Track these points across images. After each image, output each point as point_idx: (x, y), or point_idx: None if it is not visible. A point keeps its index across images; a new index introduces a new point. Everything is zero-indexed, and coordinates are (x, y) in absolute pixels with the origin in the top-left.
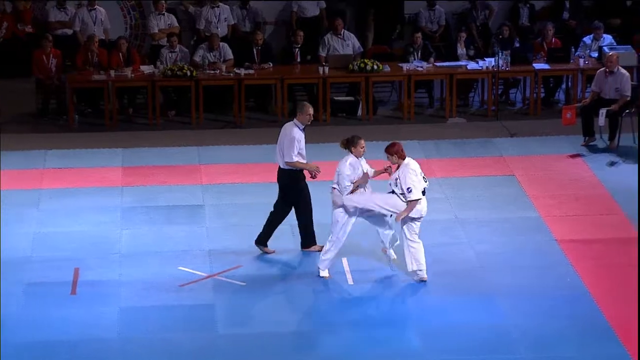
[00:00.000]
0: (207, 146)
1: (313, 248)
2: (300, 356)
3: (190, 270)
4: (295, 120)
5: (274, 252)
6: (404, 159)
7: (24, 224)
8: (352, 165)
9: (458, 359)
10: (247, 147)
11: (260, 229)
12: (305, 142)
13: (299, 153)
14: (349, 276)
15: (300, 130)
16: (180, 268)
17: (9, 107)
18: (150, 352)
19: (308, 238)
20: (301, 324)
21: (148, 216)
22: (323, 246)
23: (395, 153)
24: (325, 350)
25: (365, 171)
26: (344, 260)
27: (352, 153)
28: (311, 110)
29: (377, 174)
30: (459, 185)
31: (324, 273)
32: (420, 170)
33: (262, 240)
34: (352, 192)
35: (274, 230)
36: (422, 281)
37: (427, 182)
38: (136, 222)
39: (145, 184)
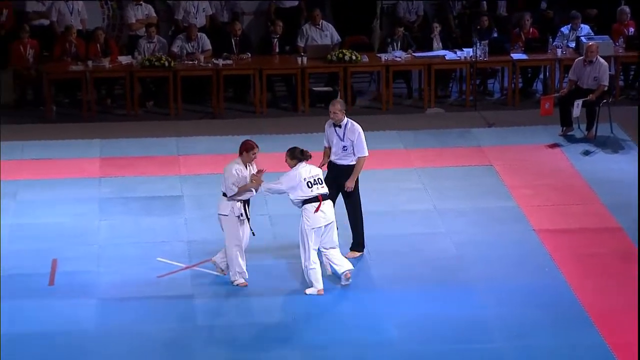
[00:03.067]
0: (186, 137)
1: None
2: (279, 346)
3: (169, 262)
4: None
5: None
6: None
7: (1, 215)
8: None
9: (435, 349)
10: (225, 137)
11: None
12: (287, 133)
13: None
14: (327, 267)
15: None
16: (159, 259)
17: None
18: (129, 343)
19: None
20: (280, 315)
21: (126, 207)
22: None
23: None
24: (304, 341)
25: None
26: (324, 251)
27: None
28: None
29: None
30: (437, 175)
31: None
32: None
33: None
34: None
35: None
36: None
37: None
38: (114, 213)
39: (123, 174)
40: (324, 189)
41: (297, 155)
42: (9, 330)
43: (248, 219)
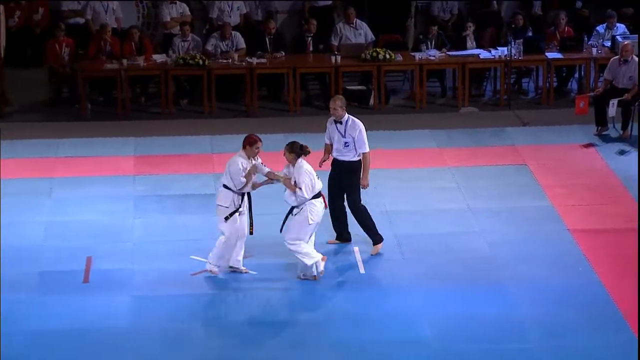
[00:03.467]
0: (220, 135)
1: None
2: (311, 344)
3: (203, 259)
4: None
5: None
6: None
7: (36, 212)
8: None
9: (468, 348)
10: (259, 136)
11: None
12: (320, 132)
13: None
14: (360, 265)
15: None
16: (192, 257)
17: (22, 96)
18: (162, 340)
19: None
20: (312, 313)
21: (160, 205)
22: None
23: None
24: (337, 339)
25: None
26: (356, 250)
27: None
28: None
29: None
30: (471, 175)
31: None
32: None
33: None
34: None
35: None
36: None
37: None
38: (148, 211)
39: (157, 172)
40: (320, 183)
41: (296, 150)
42: (45, 327)
43: (250, 213)
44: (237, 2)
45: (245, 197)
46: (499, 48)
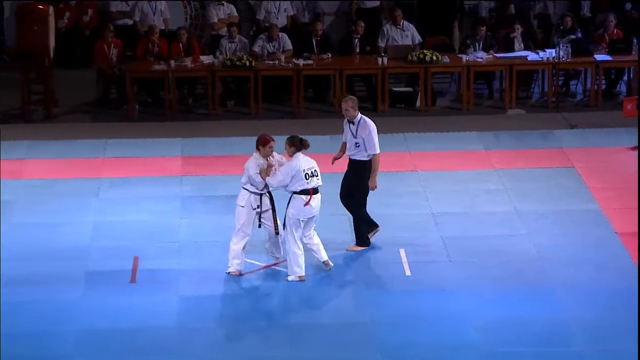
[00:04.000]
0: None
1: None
2: (357, 346)
3: (249, 260)
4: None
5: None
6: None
7: (84, 212)
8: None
9: (515, 351)
10: (305, 137)
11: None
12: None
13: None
14: (406, 267)
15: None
16: None
17: (71, 97)
18: (209, 341)
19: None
20: (358, 315)
21: (207, 205)
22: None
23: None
24: (383, 341)
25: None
26: (402, 251)
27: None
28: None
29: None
30: (518, 177)
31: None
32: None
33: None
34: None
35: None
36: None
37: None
38: (195, 212)
39: (204, 173)
40: (319, 181)
41: (296, 144)
42: (93, 326)
43: (274, 214)
44: (284, 3)
45: (266, 198)
46: (547, 50)
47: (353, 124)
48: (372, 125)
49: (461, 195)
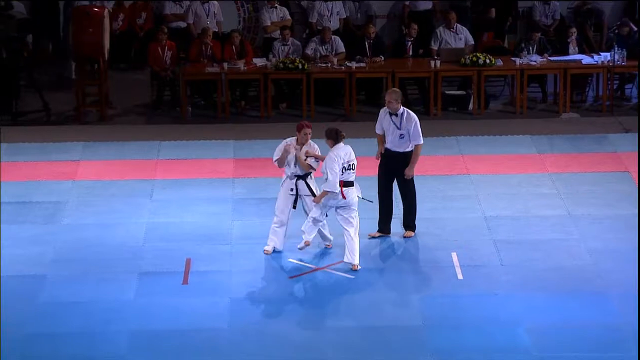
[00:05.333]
0: (319, 139)
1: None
2: (408, 350)
3: (300, 262)
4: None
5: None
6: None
7: (137, 213)
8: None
9: (568, 356)
10: (357, 140)
11: (376, 220)
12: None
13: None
14: (458, 270)
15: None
16: (290, 260)
17: (125, 99)
18: (260, 342)
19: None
20: (409, 319)
21: (259, 208)
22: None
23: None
24: (434, 345)
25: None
26: (454, 255)
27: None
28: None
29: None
30: (571, 181)
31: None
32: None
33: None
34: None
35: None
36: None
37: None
38: (247, 214)
39: (256, 175)
40: (352, 177)
41: (332, 136)
42: (146, 327)
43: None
44: (337, 6)
45: (302, 182)
46: (601, 53)
47: (397, 116)
48: (415, 116)
49: (514, 199)
